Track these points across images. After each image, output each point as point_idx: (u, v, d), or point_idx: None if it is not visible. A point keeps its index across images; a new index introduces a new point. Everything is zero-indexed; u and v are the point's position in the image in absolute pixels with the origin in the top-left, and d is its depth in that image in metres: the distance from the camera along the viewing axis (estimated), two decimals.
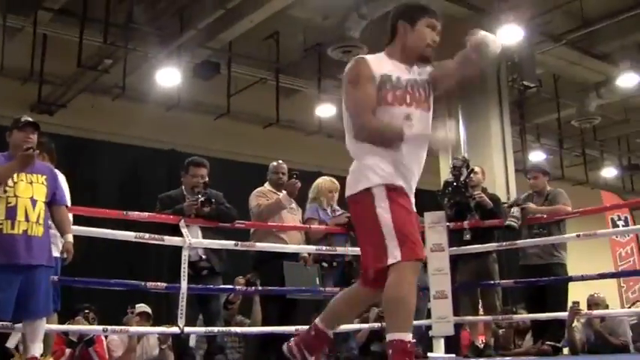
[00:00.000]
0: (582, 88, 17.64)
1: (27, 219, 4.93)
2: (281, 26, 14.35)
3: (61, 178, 5.63)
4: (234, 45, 14.45)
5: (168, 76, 13.70)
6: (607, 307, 8.83)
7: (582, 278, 7.19)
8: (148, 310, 7.81)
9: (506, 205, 7.43)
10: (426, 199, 9.97)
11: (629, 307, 11.75)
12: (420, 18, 3.86)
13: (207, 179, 6.69)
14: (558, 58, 15.85)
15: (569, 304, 7.31)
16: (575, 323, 7.50)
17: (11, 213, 4.90)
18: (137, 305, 7.77)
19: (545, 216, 7.29)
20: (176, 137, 14.11)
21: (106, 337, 7.15)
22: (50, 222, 5.21)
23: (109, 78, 13.86)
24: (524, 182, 7.98)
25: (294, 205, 7.38)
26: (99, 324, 6.88)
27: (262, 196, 7.21)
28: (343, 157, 4.13)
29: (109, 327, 5.99)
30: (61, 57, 13.30)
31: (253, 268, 7.36)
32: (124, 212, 6.17)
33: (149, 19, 12.72)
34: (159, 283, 6.13)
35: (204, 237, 6.43)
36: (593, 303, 8.12)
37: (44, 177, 5.16)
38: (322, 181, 7.72)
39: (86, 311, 7.16)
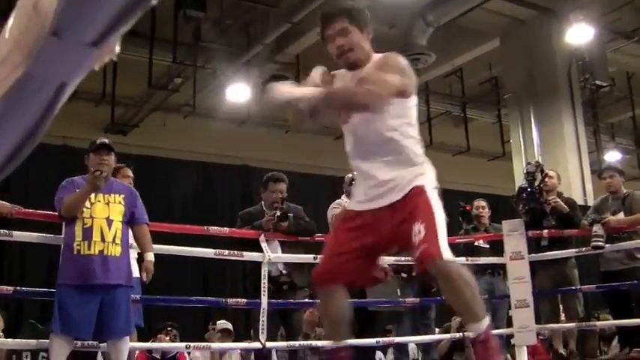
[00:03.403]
0: None
1: (103, 239, 4.98)
2: None
3: None
4: (301, 58, 14.52)
5: (238, 92, 13.88)
6: None
7: None
8: (230, 326, 7.86)
9: (586, 222, 7.23)
10: (501, 205, 9.97)
11: None
12: (323, 34, 3.77)
13: (285, 194, 6.70)
14: (630, 55, 15.61)
15: None
16: None
17: (87, 234, 4.96)
18: (218, 322, 7.83)
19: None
20: (248, 152, 14.23)
21: (188, 353, 7.21)
22: (132, 241, 5.28)
23: (180, 96, 14.08)
24: (601, 183, 7.81)
25: None
26: (181, 341, 6.93)
27: (339, 207, 7.21)
28: None
29: (191, 344, 6.05)
30: (132, 78, 13.54)
31: None
32: (205, 228, 6.21)
33: (216, 36, 12.90)
34: (240, 300, 6.17)
35: (284, 252, 6.45)
36: None
37: (122, 196, 5.22)
38: None
39: (168, 328, 7.23)
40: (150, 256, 5.25)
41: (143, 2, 0.92)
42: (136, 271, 5.57)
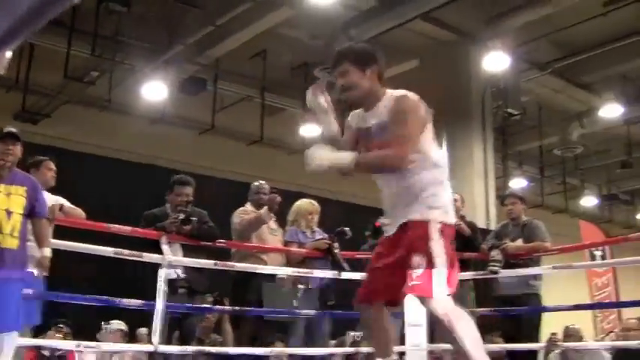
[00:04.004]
0: (565, 117, 17.83)
1: (0, 231, 4.89)
2: (269, 44, 14.42)
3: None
4: (221, 61, 14.51)
5: (154, 90, 13.76)
6: (581, 338, 8.87)
7: (557, 309, 7.22)
8: (124, 327, 7.77)
9: (485, 247, 7.41)
10: None
11: (603, 338, 11.80)
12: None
13: (191, 198, 6.69)
14: (543, 86, 16.03)
15: (544, 334, 7.34)
16: (550, 354, 7.53)
17: None
18: (112, 322, 7.73)
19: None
20: (160, 151, 14.12)
21: (79, 352, 7.10)
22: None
23: (95, 90, 13.90)
24: (504, 209, 8.00)
25: (274, 225, 7.38)
26: (72, 339, 6.82)
27: (245, 213, 7.23)
28: (325, 178, 4.22)
29: (82, 342, 5.96)
30: (48, 67, 13.31)
31: (232, 287, 7.36)
32: (107, 225, 6.13)
33: (137, 32, 12.78)
34: (134, 300, 6.11)
35: (185, 256, 6.42)
36: (569, 334, 8.15)
37: (24, 188, 5.10)
38: (301, 203, 7.72)
39: (60, 326, 7.09)
40: (46, 252, 5.14)
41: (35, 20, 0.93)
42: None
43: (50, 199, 5.90)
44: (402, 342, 7.25)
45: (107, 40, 12.68)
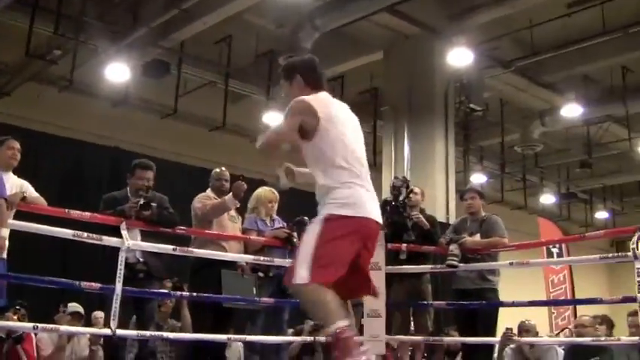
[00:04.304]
0: (527, 115, 17.98)
1: None
2: (234, 30, 14.37)
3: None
4: (185, 46, 14.42)
5: (117, 72, 13.62)
6: (537, 333, 8.95)
7: (513, 304, 7.30)
8: (81, 309, 7.69)
9: (444, 241, 7.46)
10: None
11: (557, 334, 11.93)
12: None
13: (152, 183, 6.64)
14: (506, 83, 16.14)
15: (500, 329, 7.41)
16: (505, 349, 7.59)
17: None
18: (69, 304, 7.66)
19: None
20: (121, 134, 13.97)
21: (35, 334, 7.04)
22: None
23: (57, 69, 13.75)
24: (463, 204, 8.06)
25: (234, 213, 7.36)
26: (29, 321, 6.75)
27: (208, 199, 7.20)
28: None
29: (39, 325, 5.90)
30: (9, 44, 13.14)
31: (191, 273, 7.34)
32: (66, 211, 6.07)
33: (102, 13, 12.67)
34: (93, 283, 6.06)
35: (144, 241, 6.38)
36: (524, 329, 8.19)
37: None
38: (262, 191, 7.72)
39: (17, 307, 7.02)
40: (2, 232, 5.08)
41: None
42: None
43: (15, 184, 5.83)
44: (361, 332, 7.30)
45: (71, 19, 12.53)
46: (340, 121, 4.17)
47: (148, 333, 6.38)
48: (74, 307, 7.60)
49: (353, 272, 3.92)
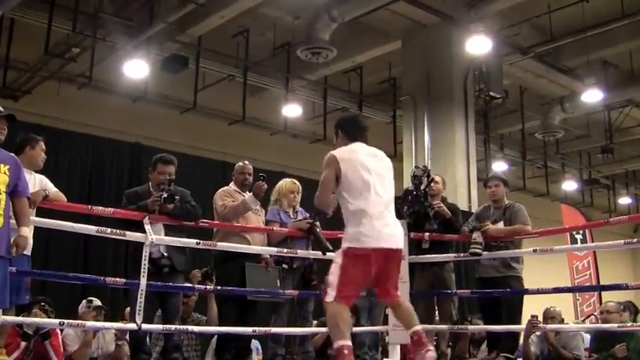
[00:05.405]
0: (547, 101, 17.90)
1: None
2: (251, 24, 14.38)
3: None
4: (203, 40, 14.45)
5: (136, 68, 13.66)
6: (562, 320, 8.91)
7: (538, 292, 7.27)
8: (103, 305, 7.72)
9: (466, 229, 7.43)
10: None
11: (583, 321, 11.87)
12: None
13: (173, 177, 6.65)
14: (525, 70, 16.04)
15: (525, 316, 7.37)
16: (531, 336, 7.56)
17: None
18: (93, 299, 7.68)
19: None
20: (141, 130, 14.02)
21: (61, 330, 7.07)
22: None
23: (76, 66, 13.80)
24: (486, 191, 8.01)
25: (257, 205, 7.36)
26: (55, 317, 6.78)
27: (228, 196, 7.18)
28: (307, 158, 4.42)
29: (65, 321, 5.93)
30: (28, 42, 13.20)
31: (214, 267, 7.36)
32: (89, 207, 6.09)
33: (119, 9, 12.68)
34: (118, 279, 6.09)
35: (167, 235, 6.39)
36: (549, 316, 8.16)
37: (7, 167, 5.06)
38: (283, 182, 7.70)
39: (42, 304, 7.05)
40: (24, 231, 5.08)
41: None
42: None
43: (35, 179, 5.86)
44: (386, 322, 7.30)
45: (88, 16, 12.57)
46: (360, 163, 5.05)
47: (173, 327, 6.40)
48: (98, 302, 7.62)
49: (375, 286, 5.18)
